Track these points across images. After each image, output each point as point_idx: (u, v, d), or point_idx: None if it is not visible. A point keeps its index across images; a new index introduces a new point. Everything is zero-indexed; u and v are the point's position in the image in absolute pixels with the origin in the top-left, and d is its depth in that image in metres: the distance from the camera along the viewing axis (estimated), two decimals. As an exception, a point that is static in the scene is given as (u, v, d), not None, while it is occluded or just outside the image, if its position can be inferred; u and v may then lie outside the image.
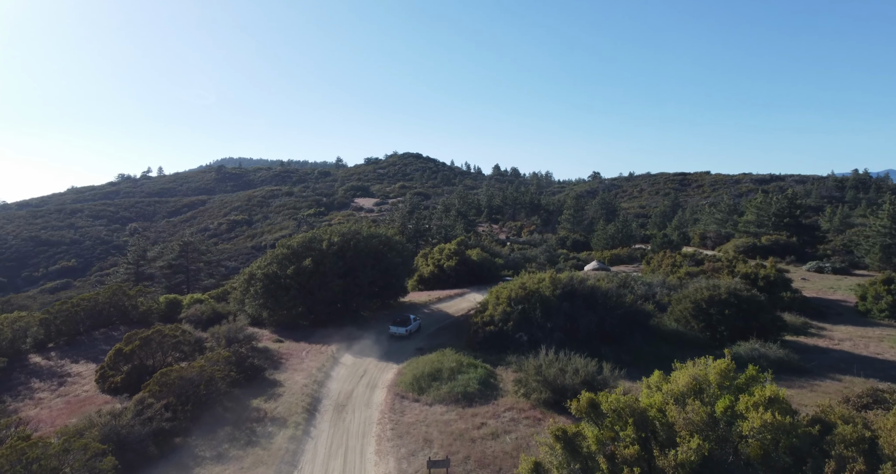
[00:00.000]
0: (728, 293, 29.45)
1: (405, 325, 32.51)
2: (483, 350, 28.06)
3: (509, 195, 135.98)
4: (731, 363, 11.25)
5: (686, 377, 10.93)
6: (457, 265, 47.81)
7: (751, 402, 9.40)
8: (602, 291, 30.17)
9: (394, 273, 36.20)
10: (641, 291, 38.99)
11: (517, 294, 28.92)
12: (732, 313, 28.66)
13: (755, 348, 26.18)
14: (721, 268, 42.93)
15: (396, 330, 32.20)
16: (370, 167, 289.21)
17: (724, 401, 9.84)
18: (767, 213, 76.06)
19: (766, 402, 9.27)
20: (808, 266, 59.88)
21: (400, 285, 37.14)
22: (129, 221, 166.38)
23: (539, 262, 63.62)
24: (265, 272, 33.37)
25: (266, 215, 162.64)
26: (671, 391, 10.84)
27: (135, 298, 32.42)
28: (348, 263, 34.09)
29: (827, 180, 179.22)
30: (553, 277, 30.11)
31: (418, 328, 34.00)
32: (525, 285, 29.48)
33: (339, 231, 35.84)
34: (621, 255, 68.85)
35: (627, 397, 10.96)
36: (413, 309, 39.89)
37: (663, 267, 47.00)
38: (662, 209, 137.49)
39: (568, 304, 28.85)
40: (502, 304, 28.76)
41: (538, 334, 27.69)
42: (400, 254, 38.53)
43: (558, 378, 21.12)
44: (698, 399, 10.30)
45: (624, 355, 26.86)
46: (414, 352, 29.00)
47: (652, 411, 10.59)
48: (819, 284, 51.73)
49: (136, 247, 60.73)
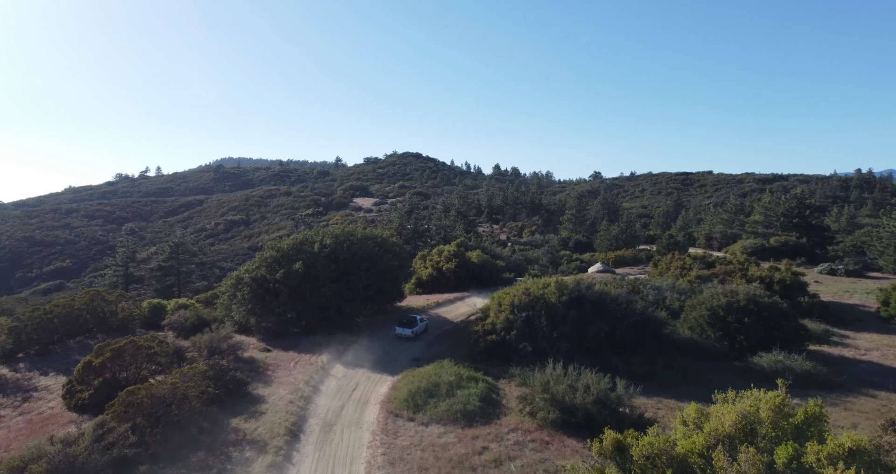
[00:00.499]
0: (747, 299, 27.46)
1: (411, 326, 31.52)
2: (484, 361, 26.10)
3: (510, 195, 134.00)
4: (787, 397, 9.26)
5: (732, 414, 8.96)
6: (456, 267, 45.84)
7: (824, 454, 7.44)
8: (611, 297, 28.20)
9: (390, 276, 34.23)
10: (651, 296, 37.11)
11: (520, 300, 26.95)
12: (752, 321, 26.67)
13: (779, 360, 24.21)
14: (733, 271, 40.94)
15: (402, 331, 31.29)
16: (369, 167, 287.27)
17: (787, 450, 7.88)
18: (776, 214, 74.07)
19: (845, 455, 7.33)
20: (821, 268, 57.87)
21: (396, 289, 35.16)
22: (125, 221, 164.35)
23: (541, 264, 61.68)
24: (253, 276, 31.40)
25: (264, 215, 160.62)
26: (715, 431, 8.87)
27: (114, 304, 30.44)
28: (341, 267, 32.12)
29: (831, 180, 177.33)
30: (559, 282, 28.14)
31: (425, 329, 33.02)
32: (529, 291, 27.50)
33: (332, 232, 33.86)
34: (626, 257, 66.89)
35: (661, 438, 8.97)
36: (410, 314, 37.96)
37: (672, 269, 45.01)
38: (665, 209, 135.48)
39: (575, 312, 26.88)
40: (505, 312, 26.78)
41: (543, 344, 25.72)
42: (396, 257, 36.58)
43: (567, 395, 19.15)
44: (751, 444, 8.35)
45: (636, 366, 24.89)
46: (410, 363, 27.05)
47: (693, 457, 8.64)
48: (833, 287, 49.74)
49: (125, 249, 58.70)
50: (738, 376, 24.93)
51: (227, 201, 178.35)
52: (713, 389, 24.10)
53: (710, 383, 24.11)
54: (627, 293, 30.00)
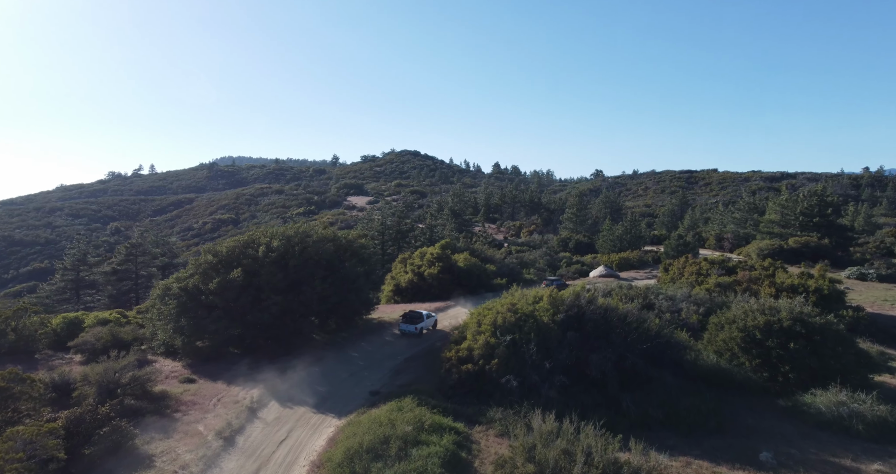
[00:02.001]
0: (792, 319, 21.75)
1: (415, 322, 29.46)
2: (458, 397, 20.48)
3: (508, 193, 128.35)
4: None
5: None
6: (440, 273, 40.19)
7: None
8: (619, 315, 22.53)
9: (353, 285, 28.60)
10: (665, 308, 31.47)
11: (505, 319, 21.27)
12: (800, 347, 20.97)
13: (841, 401, 18.52)
14: (759, 278, 35.22)
15: (406, 328, 29.41)
16: (367, 165, 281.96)
17: None
18: (793, 212, 68.25)
19: None
20: (849, 272, 52.11)
21: (362, 300, 29.50)
22: (111, 220, 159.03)
23: (538, 267, 56.02)
24: (183, 286, 25.79)
25: (254, 214, 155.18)
26: None
27: (9, 321, 24.84)
28: (291, 275, 26.49)
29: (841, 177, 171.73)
30: (553, 297, 22.45)
31: (434, 326, 30.99)
32: (516, 307, 21.83)
33: (282, 233, 28.22)
34: (631, 259, 61.22)
35: None
36: (380, 327, 32.35)
37: (686, 275, 39.30)
38: (671, 208, 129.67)
39: (574, 334, 21.22)
40: (485, 333, 21.11)
41: (533, 377, 20.07)
42: (363, 262, 30.98)
43: (562, 465, 13.53)
44: None
45: (653, 408, 19.25)
46: (366, 397, 21.45)
47: None
48: (868, 295, 44.00)
49: (76, 251, 53.14)
50: (787, 420, 19.29)
51: (217, 200, 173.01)
52: (757, 441, 18.58)
53: (752, 431, 18.47)
54: (639, 309, 24.31)
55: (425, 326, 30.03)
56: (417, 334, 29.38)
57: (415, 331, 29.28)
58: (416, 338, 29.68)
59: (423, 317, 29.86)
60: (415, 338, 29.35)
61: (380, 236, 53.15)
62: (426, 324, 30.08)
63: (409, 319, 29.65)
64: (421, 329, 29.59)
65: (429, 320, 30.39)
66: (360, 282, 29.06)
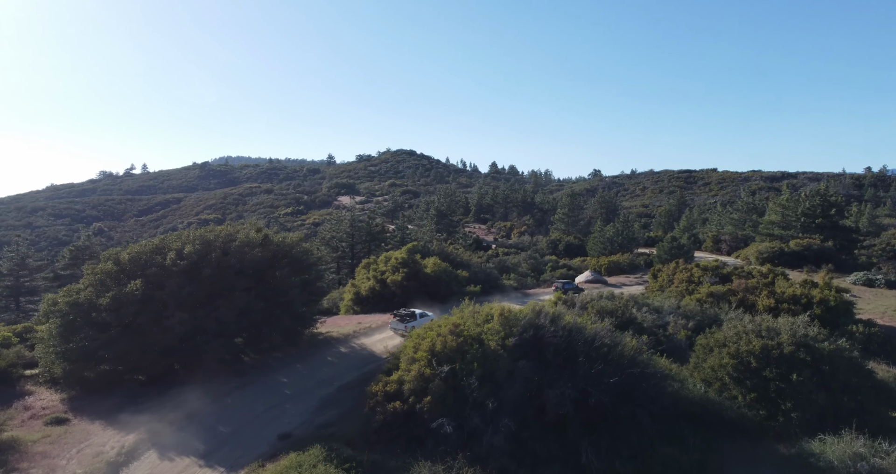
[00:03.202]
0: (795, 343, 17.76)
1: (405, 322, 28.44)
2: (382, 446, 16.50)
3: (500, 193, 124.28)
4: None
5: None
6: (404, 279, 36.18)
7: None
8: (586, 337, 18.50)
9: (284, 298, 24.61)
10: (649, 322, 27.54)
11: (445, 344, 17.24)
12: (805, 379, 16.99)
13: (859, 454, 14.54)
14: (756, 287, 31.22)
15: (396, 326, 28.78)
16: (361, 164, 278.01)
17: None
18: (795, 213, 64.24)
19: None
20: (855, 278, 48.07)
21: (293, 314, 25.48)
22: (95, 220, 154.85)
23: (520, 272, 52.00)
24: (72, 300, 21.81)
25: (240, 214, 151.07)
26: None
27: None
28: (206, 287, 22.52)
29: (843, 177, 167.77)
30: (506, 313, 18.42)
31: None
32: (460, 329, 17.80)
33: (201, 236, 24.22)
34: (621, 263, 57.15)
35: None
36: (326, 344, 28.39)
37: (675, 283, 35.32)
38: (668, 208, 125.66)
39: (528, 363, 17.21)
40: (420, 362, 17.10)
41: (475, 419, 16.06)
42: (304, 270, 27.01)
43: None
44: None
45: (622, 461, 15.27)
46: (273, 443, 17.49)
47: None
48: (876, 304, 39.99)
49: (15, 254, 49.21)
50: (789, 477, 15.31)
51: (205, 200, 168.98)
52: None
53: (745, 494, 14.49)
54: (613, 327, 20.26)
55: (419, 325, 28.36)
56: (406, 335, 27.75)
57: (403, 331, 28.38)
58: (369, 355, 26.10)
59: (417, 317, 29.02)
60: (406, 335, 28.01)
61: (349, 238, 49.21)
62: (419, 323, 28.64)
63: (401, 318, 28.92)
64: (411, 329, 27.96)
65: (422, 320, 29.15)
66: (293, 293, 25.03)
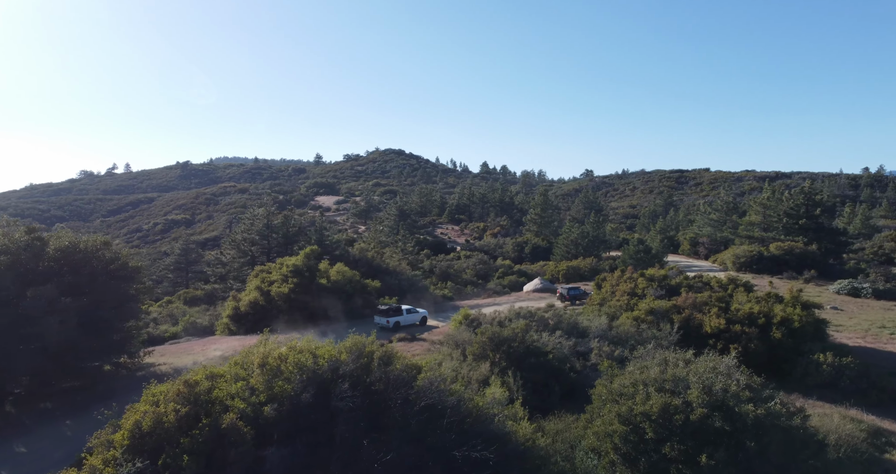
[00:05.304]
0: (709, 405, 11.81)
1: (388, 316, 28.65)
2: None
3: (476, 192, 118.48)
4: None
5: None
6: (292, 291, 30.22)
7: None
8: (410, 397, 12.55)
9: (90, 318, 18.66)
10: (565, 350, 21.82)
11: (157, 420, 11.22)
12: (722, 461, 11.05)
13: None
14: (707, 303, 25.29)
15: (379, 320, 28.96)
16: (348, 164, 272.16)
17: None
18: (777, 213, 58.42)
19: None
20: (839, 286, 42.25)
21: (103, 341, 19.52)
22: (59, 221, 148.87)
23: (463, 280, 46.07)
24: None
25: (210, 214, 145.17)
26: None
27: None
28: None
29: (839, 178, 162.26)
30: (282, 356, 12.42)
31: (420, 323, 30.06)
32: (194, 391, 11.76)
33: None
34: (581, 269, 51.22)
35: None
36: (138, 385, 22.43)
37: (618, 295, 29.44)
38: (652, 208, 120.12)
39: (286, 453, 11.24)
40: (114, 449, 11.07)
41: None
42: (119, 282, 21.10)
43: None
44: None
45: None
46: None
47: None
48: (860, 319, 34.10)
49: None
50: None
51: (176, 199, 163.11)
52: None
53: None
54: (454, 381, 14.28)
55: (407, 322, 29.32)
56: (391, 328, 28.41)
57: (386, 325, 28.65)
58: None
59: (403, 312, 29.38)
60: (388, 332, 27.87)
61: (263, 240, 43.28)
62: (407, 319, 29.37)
63: (384, 313, 29.01)
64: (394, 323, 28.68)
65: (410, 316, 29.66)
66: (106, 313, 19.09)
